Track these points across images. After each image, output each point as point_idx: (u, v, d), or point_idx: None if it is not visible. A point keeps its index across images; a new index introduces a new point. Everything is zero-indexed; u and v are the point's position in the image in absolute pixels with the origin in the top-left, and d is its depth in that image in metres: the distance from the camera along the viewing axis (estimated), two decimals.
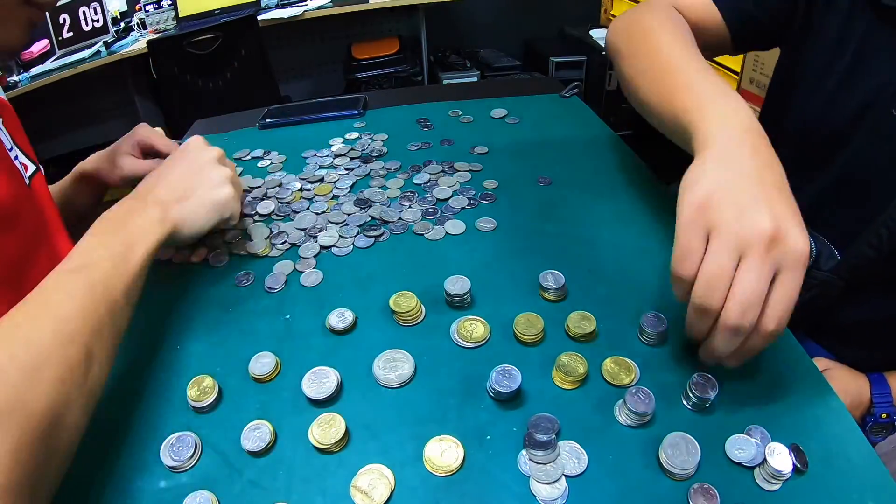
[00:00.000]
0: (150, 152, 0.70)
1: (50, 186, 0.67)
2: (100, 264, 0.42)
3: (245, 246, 0.58)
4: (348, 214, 0.62)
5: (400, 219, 0.61)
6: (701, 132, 0.43)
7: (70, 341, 0.36)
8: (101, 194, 0.77)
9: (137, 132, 0.70)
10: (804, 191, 0.46)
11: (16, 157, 0.57)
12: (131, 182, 0.70)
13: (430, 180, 0.68)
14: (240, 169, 0.75)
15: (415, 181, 0.68)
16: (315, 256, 0.57)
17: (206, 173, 0.54)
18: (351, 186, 0.68)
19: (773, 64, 0.69)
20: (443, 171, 0.69)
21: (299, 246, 0.58)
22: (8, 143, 0.57)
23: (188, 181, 0.53)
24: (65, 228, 0.64)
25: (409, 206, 0.63)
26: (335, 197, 0.66)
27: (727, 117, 0.43)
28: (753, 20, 0.64)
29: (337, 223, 0.61)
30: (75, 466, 0.39)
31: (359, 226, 0.60)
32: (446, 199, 0.64)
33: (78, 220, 0.73)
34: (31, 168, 0.61)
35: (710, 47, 0.65)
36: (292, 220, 0.63)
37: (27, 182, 0.58)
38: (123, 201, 0.50)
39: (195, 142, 0.58)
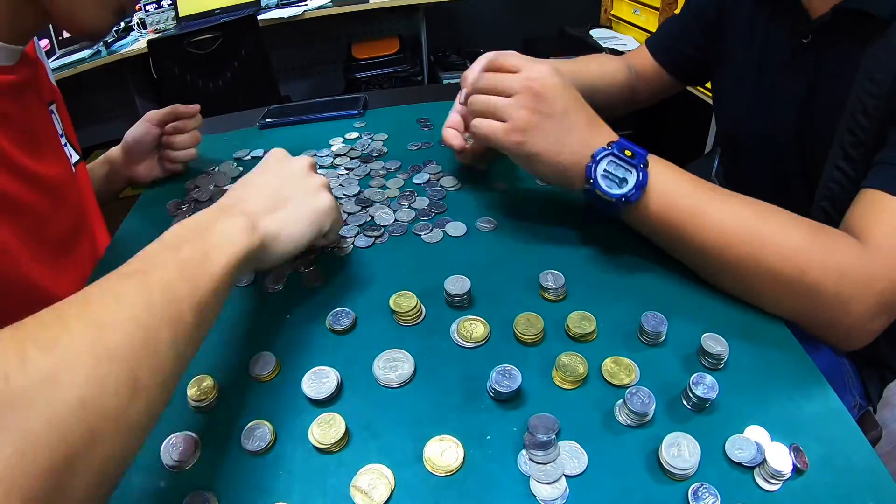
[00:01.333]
0: (170, 121, 0.74)
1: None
2: (165, 270, 0.33)
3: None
4: (349, 214, 0.62)
5: (396, 220, 0.61)
6: None
7: (109, 357, 0.27)
8: (120, 189, 0.81)
9: (148, 115, 0.73)
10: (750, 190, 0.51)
11: (65, 144, 0.61)
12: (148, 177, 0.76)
13: (429, 180, 0.68)
14: (240, 169, 0.75)
15: (415, 181, 0.68)
16: (315, 256, 0.57)
17: (300, 180, 0.48)
18: (351, 189, 0.68)
19: None
20: (443, 171, 0.69)
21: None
22: (59, 128, 0.60)
23: (282, 189, 0.46)
24: (103, 219, 0.67)
25: (409, 207, 0.63)
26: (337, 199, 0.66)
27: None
28: (681, 54, 0.79)
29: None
30: None
31: (359, 226, 0.60)
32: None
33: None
34: (75, 157, 0.63)
35: (665, 89, 0.84)
36: None
37: (73, 170, 0.62)
38: (204, 211, 0.42)
39: (280, 152, 0.51)
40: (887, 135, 0.49)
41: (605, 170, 0.46)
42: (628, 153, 0.46)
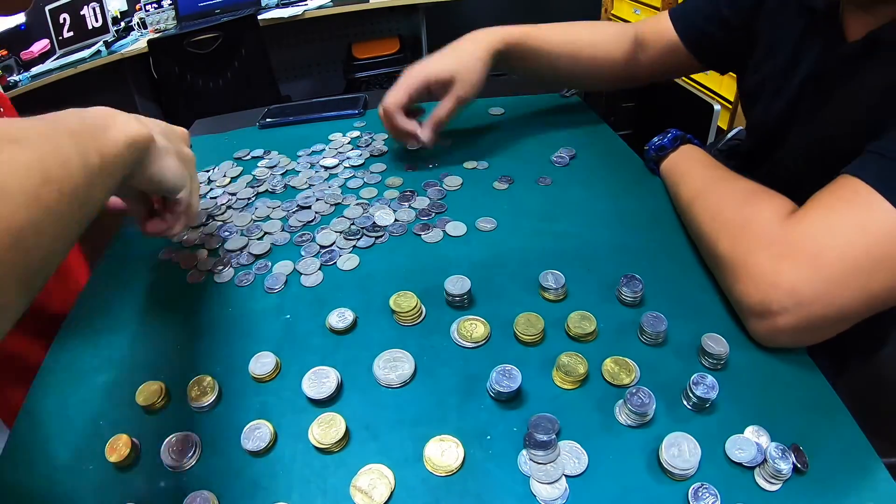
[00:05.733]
0: None
1: None
2: (69, 122, 0.36)
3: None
4: (350, 219, 0.62)
5: (396, 220, 0.61)
6: None
7: (25, 151, 0.29)
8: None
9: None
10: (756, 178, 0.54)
11: None
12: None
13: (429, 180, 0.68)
14: (239, 169, 0.75)
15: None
16: (315, 256, 0.57)
17: (177, 136, 0.52)
18: (351, 187, 0.68)
19: None
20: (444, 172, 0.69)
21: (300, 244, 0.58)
22: None
23: (166, 132, 0.50)
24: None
25: (409, 207, 0.63)
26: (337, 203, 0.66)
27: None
28: (706, 35, 0.70)
29: (337, 225, 0.61)
30: (75, 465, 0.39)
31: (360, 226, 0.60)
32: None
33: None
34: None
35: (675, 67, 0.75)
36: (288, 220, 0.63)
37: None
38: None
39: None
40: (885, 128, 0.46)
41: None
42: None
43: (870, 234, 0.39)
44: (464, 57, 0.69)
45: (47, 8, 2.34)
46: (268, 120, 0.89)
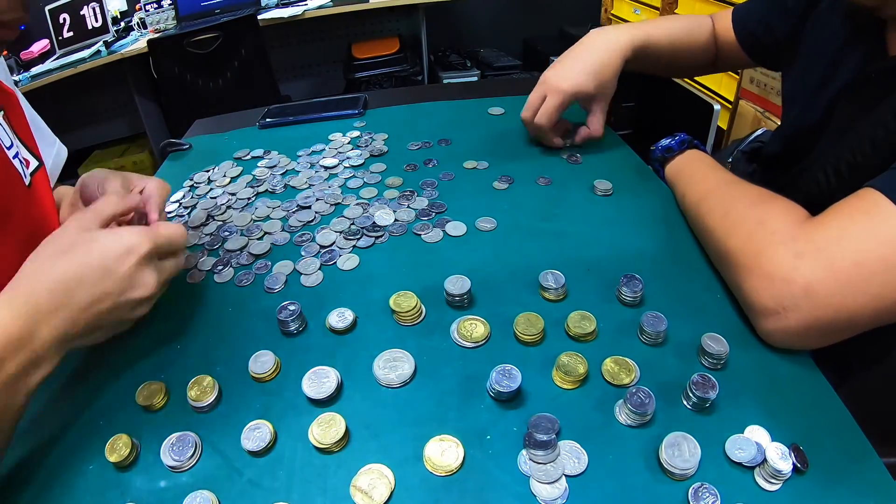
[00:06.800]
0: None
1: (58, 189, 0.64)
2: None
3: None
4: (350, 219, 0.62)
5: (396, 220, 0.61)
6: None
7: None
8: None
9: (83, 181, 0.58)
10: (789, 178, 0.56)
11: (16, 156, 0.54)
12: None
13: (429, 180, 0.68)
14: (239, 169, 0.75)
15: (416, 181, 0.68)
16: (315, 256, 0.57)
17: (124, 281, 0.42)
18: (351, 186, 0.68)
19: None
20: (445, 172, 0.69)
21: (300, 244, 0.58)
22: (7, 140, 0.53)
23: (97, 298, 0.41)
24: None
25: (408, 207, 0.63)
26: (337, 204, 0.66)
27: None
28: (759, 40, 0.74)
29: (337, 225, 0.61)
30: (75, 465, 0.39)
31: (360, 226, 0.60)
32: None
33: None
34: (34, 164, 0.57)
35: (736, 62, 0.79)
36: (288, 220, 0.63)
37: (27, 180, 0.55)
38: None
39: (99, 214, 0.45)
40: None
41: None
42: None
43: (886, 244, 0.39)
44: (600, 70, 0.69)
45: (47, 8, 2.34)
46: (268, 120, 0.89)
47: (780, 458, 0.34)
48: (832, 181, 0.58)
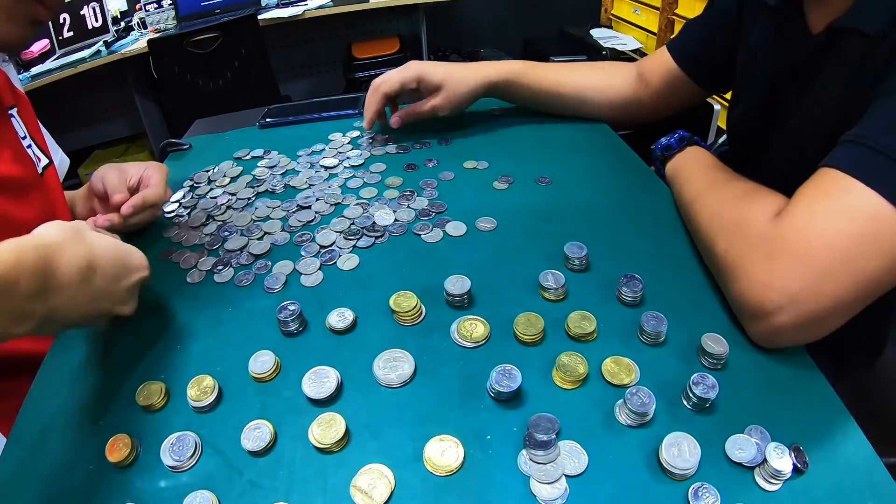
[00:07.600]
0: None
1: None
2: None
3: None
4: (350, 219, 0.62)
5: (396, 220, 0.61)
6: None
7: None
8: None
9: (92, 179, 0.62)
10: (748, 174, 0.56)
11: (29, 146, 0.57)
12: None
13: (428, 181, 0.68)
14: (239, 169, 0.75)
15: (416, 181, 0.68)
16: (315, 256, 0.57)
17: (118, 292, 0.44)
18: (351, 186, 0.68)
19: None
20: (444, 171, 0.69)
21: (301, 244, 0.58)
22: (22, 132, 0.56)
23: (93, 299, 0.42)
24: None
25: (408, 207, 0.63)
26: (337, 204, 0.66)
27: None
28: (705, 59, 0.72)
29: (337, 225, 0.61)
30: (76, 465, 0.39)
31: (360, 226, 0.60)
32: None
33: None
34: (44, 161, 0.60)
35: (686, 97, 0.76)
36: (288, 220, 0.63)
37: (40, 172, 0.58)
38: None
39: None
40: (855, 117, 0.46)
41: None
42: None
43: (851, 218, 0.39)
44: (460, 74, 0.75)
45: None
46: (268, 120, 0.89)
47: (780, 458, 0.34)
48: (785, 166, 0.60)
